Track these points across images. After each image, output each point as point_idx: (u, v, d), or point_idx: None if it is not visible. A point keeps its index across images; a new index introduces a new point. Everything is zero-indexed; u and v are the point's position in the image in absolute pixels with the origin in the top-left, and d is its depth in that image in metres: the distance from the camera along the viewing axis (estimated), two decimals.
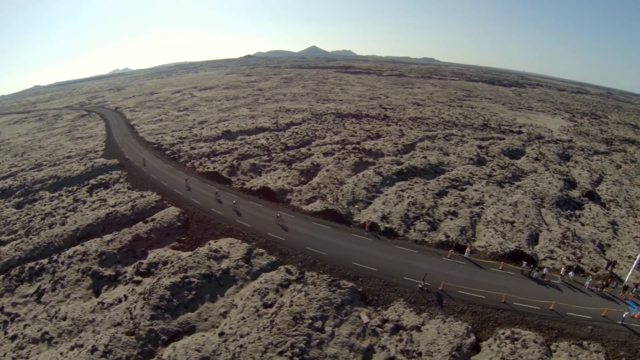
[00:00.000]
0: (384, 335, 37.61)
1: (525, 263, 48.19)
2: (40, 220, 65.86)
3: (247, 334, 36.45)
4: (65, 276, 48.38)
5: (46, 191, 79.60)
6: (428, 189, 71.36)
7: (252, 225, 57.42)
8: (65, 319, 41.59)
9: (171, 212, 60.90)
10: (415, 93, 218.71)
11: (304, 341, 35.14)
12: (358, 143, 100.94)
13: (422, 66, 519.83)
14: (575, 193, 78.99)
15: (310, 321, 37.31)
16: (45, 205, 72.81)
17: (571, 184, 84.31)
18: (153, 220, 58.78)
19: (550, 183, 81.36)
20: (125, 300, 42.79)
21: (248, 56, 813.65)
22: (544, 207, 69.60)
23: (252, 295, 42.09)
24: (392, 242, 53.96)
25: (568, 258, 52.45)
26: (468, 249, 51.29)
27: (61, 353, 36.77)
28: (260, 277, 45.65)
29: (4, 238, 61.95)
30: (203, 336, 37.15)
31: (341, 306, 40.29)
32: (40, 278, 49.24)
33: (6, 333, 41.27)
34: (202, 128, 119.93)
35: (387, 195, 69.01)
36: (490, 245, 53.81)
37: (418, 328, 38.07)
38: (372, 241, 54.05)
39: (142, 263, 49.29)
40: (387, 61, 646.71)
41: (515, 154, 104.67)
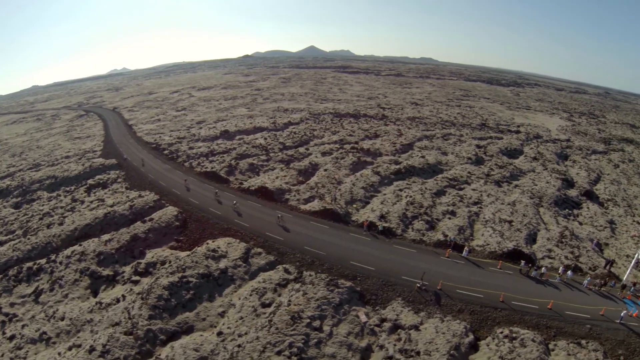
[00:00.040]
0: (382, 334, 37.61)
1: (523, 262, 48.28)
2: (38, 220, 65.72)
3: (245, 334, 36.41)
4: (63, 276, 48.28)
5: (44, 191, 79.44)
6: (426, 189, 71.40)
7: (250, 224, 57.38)
8: (63, 319, 41.49)
9: (169, 212, 60.84)
10: (413, 93, 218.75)
11: (302, 341, 35.13)
12: (356, 143, 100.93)
13: (421, 66, 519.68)
14: (573, 192, 79.11)
15: (308, 320, 37.31)
16: (43, 205, 72.66)
17: (569, 184, 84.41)
18: (151, 220, 58.71)
19: (548, 182, 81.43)
20: (123, 300, 42.71)
21: (246, 56, 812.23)
22: (542, 207, 69.67)
23: (250, 294, 42.06)
24: (390, 242, 53.96)
25: (566, 257, 52.51)
26: (466, 248, 51.30)
27: (59, 353, 36.68)
28: (258, 277, 45.61)
29: (2, 238, 61.80)
30: (201, 336, 37.11)
31: (339, 305, 40.29)
32: (38, 278, 49.10)
33: (4, 333, 41.15)
34: (200, 128, 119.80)
35: (385, 194, 69.01)
36: (488, 244, 53.85)
37: (416, 327, 38.09)
38: (370, 240, 54.05)
39: (140, 263, 49.23)
40: (386, 61, 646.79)
41: (513, 154, 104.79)
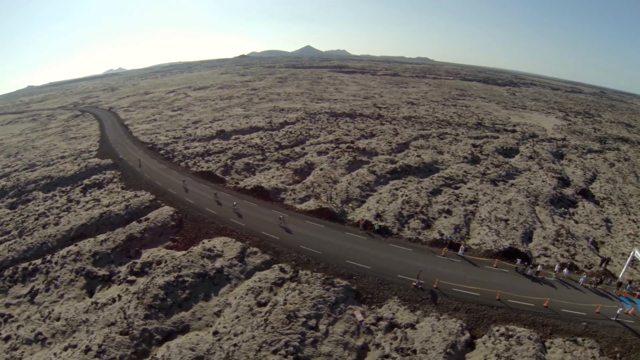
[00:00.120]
0: (379, 333, 37.63)
1: (519, 260, 48.45)
2: (33, 220, 65.39)
3: (241, 333, 36.37)
4: (58, 276, 48.11)
5: (40, 191, 79.06)
6: (422, 188, 71.50)
7: (246, 224, 57.31)
8: (58, 320, 41.32)
9: (165, 212, 60.67)
10: (409, 92, 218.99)
11: (298, 340, 35.10)
12: (352, 142, 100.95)
13: (417, 65, 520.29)
14: (569, 191, 79.47)
15: (304, 319, 37.28)
16: (38, 205, 72.31)
17: (565, 182, 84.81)
18: (147, 219, 58.54)
19: (544, 181, 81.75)
20: (119, 300, 42.58)
21: (242, 56, 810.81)
22: (538, 205, 69.94)
23: (246, 294, 42.02)
24: (386, 241, 54.01)
25: (562, 255, 52.76)
26: (462, 247, 51.54)
27: (55, 353, 36.52)
28: (254, 276, 45.59)
29: None
30: (197, 335, 37.05)
31: (335, 304, 40.28)
32: (33, 278, 48.91)
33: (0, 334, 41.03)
34: (196, 128, 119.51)
35: (381, 193, 69.11)
36: (484, 242, 54.01)
37: (412, 326, 38.14)
38: (366, 239, 54.07)
39: (136, 263, 49.10)
40: (382, 61, 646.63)
41: (509, 153, 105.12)
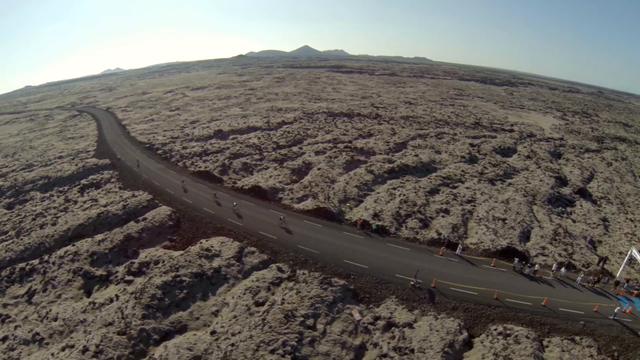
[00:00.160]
0: (376, 332, 37.65)
1: (517, 259, 48.55)
2: (31, 220, 65.26)
3: (239, 333, 36.35)
4: (56, 276, 48.02)
5: (37, 191, 78.91)
6: (420, 187, 71.51)
7: (244, 224, 57.29)
8: (56, 320, 41.26)
9: (163, 212, 60.61)
10: (407, 92, 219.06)
11: (296, 339, 35.09)
12: (350, 142, 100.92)
13: (415, 65, 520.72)
14: (566, 190, 79.55)
15: (302, 319, 37.28)
16: (36, 205, 72.19)
17: (562, 182, 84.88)
18: (144, 219, 58.45)
19: (541, 180, 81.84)
20: (116, 300, 42.52)
21: (240, 56, 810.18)
22: (536, 204, 70.00)
23: (244, 293, 42.00)
24: (384, 240, 54.04)
25: (560, 254, 52.78)
26: (460, 246, 51.52)
27: (52, 354, 36.48)
28: (251, 276, 45.56)
29: None
30: (195, 335, 37.01)
31: (333, 304, 40.30)
32: (31, 279, 48.84)
33: None
34: (194, 127, 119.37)
35: (379, 193, 69.11)
36: (482, 242, 54.05)
37: (410, 325, 38.16)
38: (364, 239, 54.09)
39: (134, 262, 49.01)
40: (380, 60, 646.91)
41: (507, 152, 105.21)
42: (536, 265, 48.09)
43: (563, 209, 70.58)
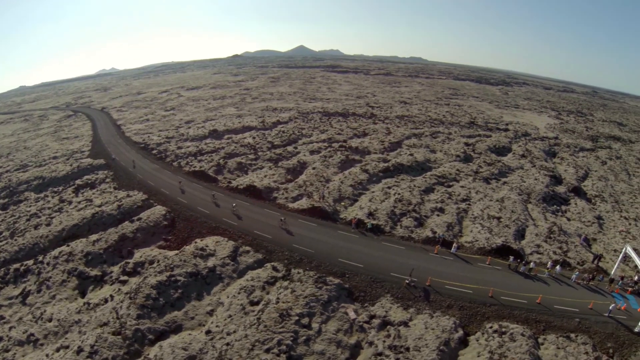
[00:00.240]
0: (372, 331, 37.64)
1: (512, 258, 48.79)
2: (25, 221, 64.91)
3: (234, 332, 36.29)
4: (50, 277, 47.77)
5: (31, 192, 78.50)
6: (415, 186, 71.60)
7: (239, 223, 57.20)
8: (50, 320, 41.03)
9: (157, 211, 60.41)
10: (402, 92, 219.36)
11: (291, 338, 35.05)
12: (344, 141, 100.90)
13: (410, 65, 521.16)
14: (561, 189, 79.93)
15: (297, 318, 37.24)
16: (30, 206, 71.79)
17: (557, 180, 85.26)
18: (139, 219, 58.24)
19: (536, 179, 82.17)
20: (111, 300, 42.34)
21: (235, 56, 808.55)
22: (531, 203, 70.29)
23: (239, 293, 41.92)
24: (379, 239, 54.08)
25: (555, 252, 53.07)
26: (455, 245, 51.68)
27: (47, 355, 36.28)
28: (246, 275, 45.51)
29: None
30: (190, 335, 36.90)
31: (328, 303, 40.29)
32: (25, 279, 48.54)
33: None
34: (189, 127, 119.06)
35: (374, 192, 69.18)
36: (477, 240, 54.20)
37: (405, 323, 38.20)
38: (359, 238, 54.14)
39: (129, 262, 48.80)
40: (375, 60, 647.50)
41: (501, 151, 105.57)
42: (531, 263, 48.34)
43: (558, 208, 70.94)
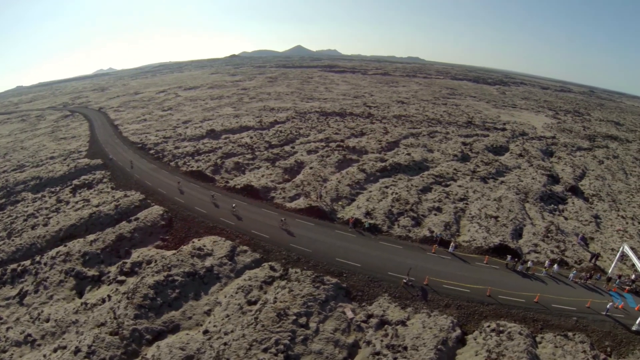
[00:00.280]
0: (369, 330, 37.67)
1: (509, 257, 48.82)
2: (22, 221, 64.80)
3: (232, 332, 36.28)
4: (48, 277, 47.71)
5: (29, 192, 78.34)
6: (412, 185, 71.67)
7: (237, 223, 57.15)
8: (48, 321, 41.02)
9: (155, 211, 60.30)
10: (399, 91, 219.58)
11: (289, 337, 35.04)
12: (342, 141, 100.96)
13: (407, 65, 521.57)
14: (558, 188, 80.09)
15: (294, 317, 37.23)
16: (27, 206, 71.65)
17: (554, 179, 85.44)
18: (137, 219, 58.12)
19: (534, 178, 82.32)
20: (108, 300, 42.30)
21: (233, 56, 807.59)
22: (528, 202, 70.41)
23: (236, 292, 41.89)
24: (376, 238, 54.09)
25: (552, 251, 53.16)
26: (452, 244, 51.68)
27: (44, 355, 36.32)
28: (244, 275, 45.46)
29: None
30: (187, 334, 36.87)
31: (325, 302, 40.28)
32: (22, 280, 48.53)
33: None
34: (187, 127, 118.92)
35: (371, 191, 69.22)
36: (474, 239, 54.25)
37: (403, 323, 38.22)
38: (356, 237, 54.15)
39: (126, 262, 48.73)
40: (372, 60, 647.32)
41: (499, 151, 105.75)
42: (529, 262, 48.39)
43: (555, 207, 71.07)
